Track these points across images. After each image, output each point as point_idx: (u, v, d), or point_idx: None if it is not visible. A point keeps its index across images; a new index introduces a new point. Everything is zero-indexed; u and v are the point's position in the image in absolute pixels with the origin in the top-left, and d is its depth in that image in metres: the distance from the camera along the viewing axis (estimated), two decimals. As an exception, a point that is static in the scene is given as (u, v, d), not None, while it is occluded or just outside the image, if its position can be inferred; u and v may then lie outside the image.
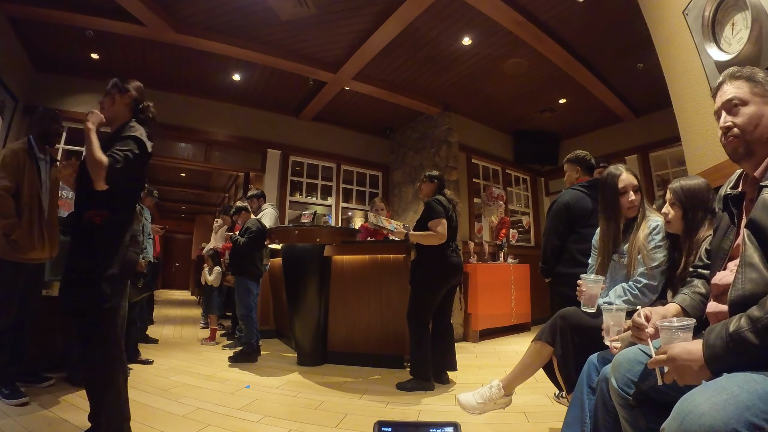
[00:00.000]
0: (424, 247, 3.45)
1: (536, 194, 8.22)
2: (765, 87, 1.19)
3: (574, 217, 2.76)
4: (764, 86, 1.19)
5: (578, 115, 6.84)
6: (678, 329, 1.12)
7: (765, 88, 1.18)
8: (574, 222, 2.76)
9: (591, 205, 2.73)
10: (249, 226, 4.32)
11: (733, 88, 1.22)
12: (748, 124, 1.17)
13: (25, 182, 2.80)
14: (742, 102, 1.20)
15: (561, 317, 2.04)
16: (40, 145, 2.98)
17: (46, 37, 4.80)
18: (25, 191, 2.80)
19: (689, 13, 2.06)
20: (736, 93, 1.21)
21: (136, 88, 2.19)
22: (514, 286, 6.21)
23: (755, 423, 0.82)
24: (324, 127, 7.31)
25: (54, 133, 3.08)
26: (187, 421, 2.49)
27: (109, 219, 1.94)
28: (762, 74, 1.21)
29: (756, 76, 1.21)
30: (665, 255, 1.90)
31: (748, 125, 1.17)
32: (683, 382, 1.04)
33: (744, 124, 1.18)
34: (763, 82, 1.19)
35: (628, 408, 1.32)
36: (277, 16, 4.40)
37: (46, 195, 2.96)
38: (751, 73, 1.22)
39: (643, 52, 4.49)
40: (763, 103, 1.18)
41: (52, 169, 3.07)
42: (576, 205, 2.77)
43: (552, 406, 2.83)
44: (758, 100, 1.18)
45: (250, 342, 4.17)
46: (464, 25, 4.52)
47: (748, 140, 1.18)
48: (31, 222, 2.80)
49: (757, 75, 1.21)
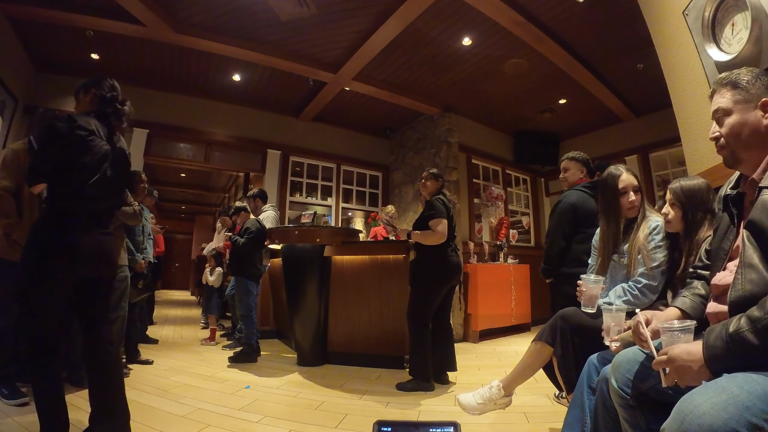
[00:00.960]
0: (424, 246, 3.44)
1: (536, 195, 8.22)
2: (748, 91, 1.18)
3: (580, 217, 2.77)
4: (747, 90, 1.18)
5: (578, 116, 6.84)
6: (679, 331, 1.12)
7: (748, 93, 1.18)
8: (579, 222, 2.76)
9: (596, 206, 2.74)
10: (248, 226, 4.32)
11: (719, 97, 1.24)
12: (730, 135, 1.20)
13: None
14: (726, 112, 1.21)
15: (561, 317, 2.04)
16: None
17: (47, 38, 4.80)
18: (27, 191, 2.79)
19: (689, 14, 2.06)
20: (720, 103, 1.23)
21: (98, 85, 2.16)
22: (514, 286, 6.21)
23: (755, 423, 0.82)
24: (324, 127, 7.31)
25: None
26: (187, 421, 2.49)
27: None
28: (747, 77, 1.20)
29: (740, 82, 1.21)
30: (665, 255, 1.90)
31: (731, 136, 1.20)
32: (684, 383, 1.04)
33: (727, 135, 1.21)
34: (747, 86, 1.19)
35: (628, 408, 1.32)
36: (277, 16, 4.40)
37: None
38: (735, 79, 1.22)
39: (643, 53, 4.49)
40: (746, 110, 1.18)
41: None
42: (583, 206, 2.78)
43: (552, 406, 2.83)
44: (740, 108, 1.19)
45: (250, 342, 4.17)
46: (464, 25, 4.52)
47: (733, 149, 1.20)
48: (32, 222, 2.79)
49: (740, 80, 1.21)
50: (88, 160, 1.96)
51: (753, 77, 1.19)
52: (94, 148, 1.99)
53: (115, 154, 2.12)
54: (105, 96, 2.14)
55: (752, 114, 1.16)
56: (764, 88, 1.17)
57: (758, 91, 1.17)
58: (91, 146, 1.99)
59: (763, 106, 1.15)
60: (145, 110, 5.80)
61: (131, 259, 3.70)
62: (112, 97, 2.16)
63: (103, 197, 2.05)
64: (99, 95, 2.14)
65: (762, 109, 1.15)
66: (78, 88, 2.19)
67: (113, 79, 2.21)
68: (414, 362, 3.39)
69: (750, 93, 1.18)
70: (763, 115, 1.15)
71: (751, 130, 1.16)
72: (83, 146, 1.96)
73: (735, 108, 1.19)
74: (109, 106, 2.15)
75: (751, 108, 1.17)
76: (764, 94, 1.16)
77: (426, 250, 3.44)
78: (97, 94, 2.14)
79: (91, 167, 1.97)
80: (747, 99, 1.18)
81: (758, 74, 1.20)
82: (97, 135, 2.02)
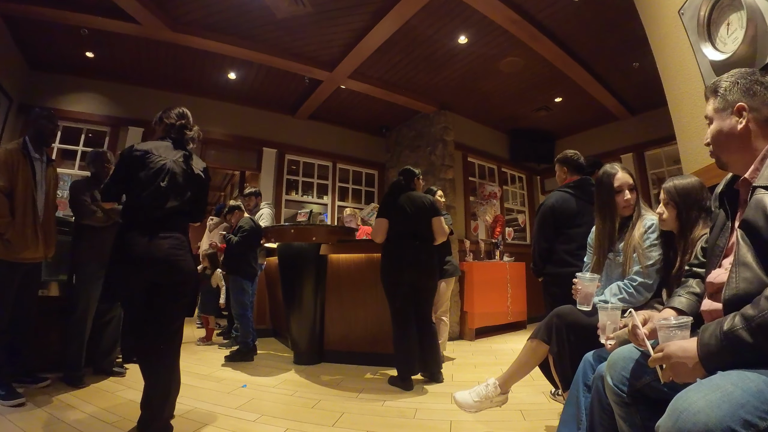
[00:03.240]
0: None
1: (532, 192, 8.24)
2: (725, 98, 1.21)
3: (559, 219, 2.77)
4: (725, 98, 1.21)
5: (574, 114, 6.86)
6: (675, 327, 1.13)
7: (725, 100, 1.21)
8: (560, 224, 2.76)
9: (576, 206, 2.74)
10: (242, 225, 4.32)
11: (707, 104, 1.28)
12: (712, 142, 1.25)
13: (19, 182, 2.79)
14: (709, 120, 1.26)
15: (557, 315, 2.05)
16: (35, 145, 2.97)
17: (41, 36, 4.77)
18: (19, 191, 2.79)
19: (685, 13, 2.07)
20: (706, 111, 1.28)
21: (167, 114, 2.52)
22: (510, 284, 6.23)
23: (749, 420, 0.83)
24: (320, 125, 7.30)
25: (49, 133, 3.07)
26: (184, 420, 2.48)
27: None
28: (726, 83, 1.22)
29: (719, 89, 1.24)
30: (660, 253, 1.91)
31: (713, 143, 1.25)
32: (679, 379, 1.05)
33: (711, 142, 1.26)
34: (724, 93, 1.21)
35: (624, 405, 1.33)
36: (272, 15, 4.39)
37: (42, 195, 2.95)
38: (716, 86, 1.25)
39: (639, 51, 4.51)
40: (723, 117, 1.21)
41: (48, 169, 3.06)
42: (561, 207, 2.77)
43: (548, 403, 2.84)
44: (719, 115, 1.23)
45: (246, 341, 4.16)
46: (460, 23, 4.52)
47: (717, 155, 1.25)
48: (25, 221, 2.79)
49: (719, 87, 1.24)
50: (143, 175, 2.26)
51: (731, 83, 1.21)
52: (149, 165, 2.28)
53: (181, 169, 2.39)
54: (173, 123, 2.47)
55: (728, 120, 1.20)
56: (741, 93, 1.18)
57: (735, 97, 1.19)
58: (147, 163, 2.28)
59: (738, 111, 1.18)
60: (140, 109, 5.77)
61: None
62: (180, 124, 2.48)
63: (159, 205, 2.27)
64: (168, 123, 2.48)
65: (737, 114, 1.18)
66: (154, 119, 2.55)
67: (182, 108, 2.55)
68: (394, 359, 3.43)
69: (727, 100, 1.20)
70: (738, 120, 1.17)
71: (728, 136, 1.19)
72: (140, 164, 2.28)
73: (714, 116, 1.24)
74: (174, 131, 2.46)
75: (728, 114, 1.20)
76: (740, 99, 1.18)
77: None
78: (166, 122, 2.48)
79: (146, 181, 2.26)
80: (724, 106, 1.21)
81: (738, 78, 1.21)
82: (154, 154, 2.31)
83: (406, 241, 3.47)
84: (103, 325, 3.36)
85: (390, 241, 3.50)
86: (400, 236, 3.48)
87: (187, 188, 2.38)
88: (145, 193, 2.24)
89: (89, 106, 5.58)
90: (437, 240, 3.58)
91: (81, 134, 5.58)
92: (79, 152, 5.52)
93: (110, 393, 2.95)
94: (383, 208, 3.60)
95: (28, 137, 2.96)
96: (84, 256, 3.22)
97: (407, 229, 3.48)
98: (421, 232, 3.52)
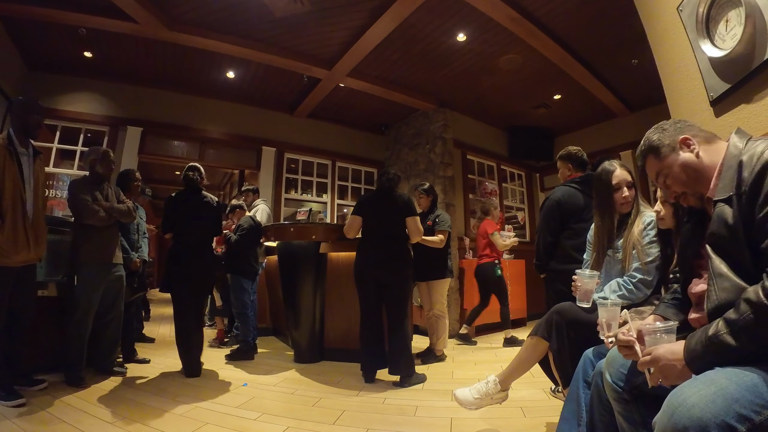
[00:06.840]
0: None
1: (531, 190, 8.24)
2: (664, 144, 1.29)
3: (565, 213, 2.77)
4: (663, 144, 1.30)
5: (573, 111, 6.86)
6: (661, 331, 1.15)
7: (666, 146, 1.29)
8: (566, 218, 2.77)
9: (583, 201, 2.75)
10: (241, 223, 4.32)
11: (650, 167, 1.36)
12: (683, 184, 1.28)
13: (6, 182, 2.62)
14: (665, 174, 1.31)
15: (556, 312, 2.05)
16: (21, 138, 2.79)
17: (39, 36, 4.76)
18: (7, 192, 2.62)
19: (683, 9, 2.07)
20: (655, 170, 1.35)
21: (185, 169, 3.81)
22: (510, 281, 6.20)
23: (744, 414, 0.84)
24: (319, 124, 7.30)
25: (34, 125, 2.86)
26: (185, 419, 2.49)
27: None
28: (656, 135, 1.32)
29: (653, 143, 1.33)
30: (659, 250, 1.91)
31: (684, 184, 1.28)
32: (668, 382, 1.07)
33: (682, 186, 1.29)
34: (661, 141, 1.30)
35: (623, 402, 1.34)
36: (271, 13, 4.38)
37: (30, 192, 2.78)
38: (649, 145, 1.33)
39: (638, 48, 4.51)
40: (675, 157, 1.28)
41: (36, 163, 2.88)
42: (567, 202, 2.78)
43: (548, 400, 2.85)
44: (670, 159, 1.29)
45: (247, 340, 4.17)
46: (459, 21, 4.52)
47: (693, 192, 1.27)
48: (16, 225, 2.65)
49: (653, 142, 1.32)
50: (180, 212, 3.63)
51: (660, 132, 1.31)
52: (183, 205, 3.66)
53: (201, 207, 3.70)
54: (187, 175, 3.72)
55: (681, 156, 1.25)
56: (675, 131, 1.29)
57: (673, 137, 1.28)
58: (183, 205, 3.66)
59: (684, 143, 1.26)
60: (138, 108, 5.77)
61: (126, 258, 3.69)
62: (192, 176, 3.71)
63: (193, 233, 3.64)
64: (184, 175, 3.73)
65: (685, 145, 1.25)
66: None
67: (196, 164, 3.81)
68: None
69: (666, 145, 1.28)
70: (688, 149, 1.24)
71: (690, 167, 1.23)
72: (179, 206, 3.66)
73: (666, 163, 1.28)
74: (187, 181, 3.72)
75: (677, 152, 1.26)
76: (678, 134, 1.27)
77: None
78: (184, 175, 3.73)
79: (182, 216, 3.63)
80: (672, 148, 1.27)
81: (661, 126, 1.33)
82: (185, 198, 3.68)
83: (375, 239, 3.51)
84: (104, 325, 3.36)
85: (362, 239, 3.61)
86: (370, 234, 3.56)
87: (208, 220, 3.77)
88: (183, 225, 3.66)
89: (88, 105, 5.57)
90: (412, 239, 3.60)
91: (80, 134, 5.58)
92: (78, 152, 5.51)
93: (111, 393, 2.95)
94: (358, 205, 3.68)
95: (13, 131, 2.76)
96: (85, 256, 3.19)
97: (379, 227, 3.53)
98: (393, 231, 3.53)
